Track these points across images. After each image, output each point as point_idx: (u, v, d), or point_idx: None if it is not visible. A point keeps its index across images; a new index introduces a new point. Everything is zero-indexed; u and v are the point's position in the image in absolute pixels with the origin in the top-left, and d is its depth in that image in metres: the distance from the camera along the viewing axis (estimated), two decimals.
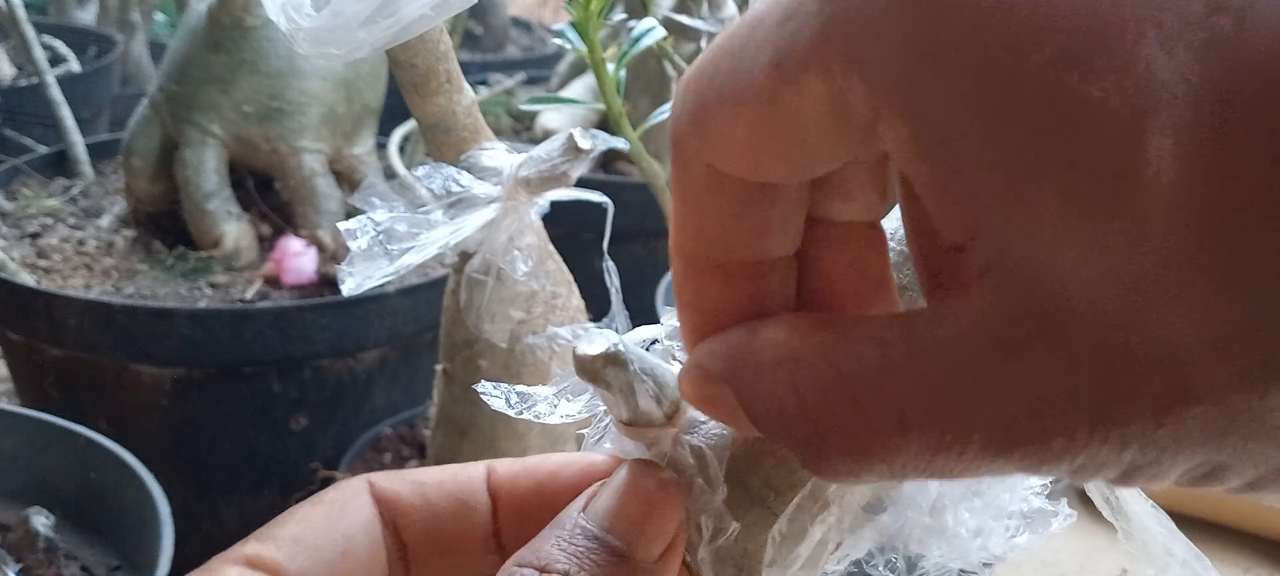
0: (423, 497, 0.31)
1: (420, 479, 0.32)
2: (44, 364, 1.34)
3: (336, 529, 0.30)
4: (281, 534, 0.29)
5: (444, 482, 0.32)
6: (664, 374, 0.31)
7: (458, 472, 0.32)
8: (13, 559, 0.96)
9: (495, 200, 0.62)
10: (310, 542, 0.29)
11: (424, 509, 0.31)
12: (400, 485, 0.31)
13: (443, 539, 0.31)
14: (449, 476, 0.32)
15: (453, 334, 0.75)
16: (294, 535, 0.29)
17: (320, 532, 0.29)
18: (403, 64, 0.63)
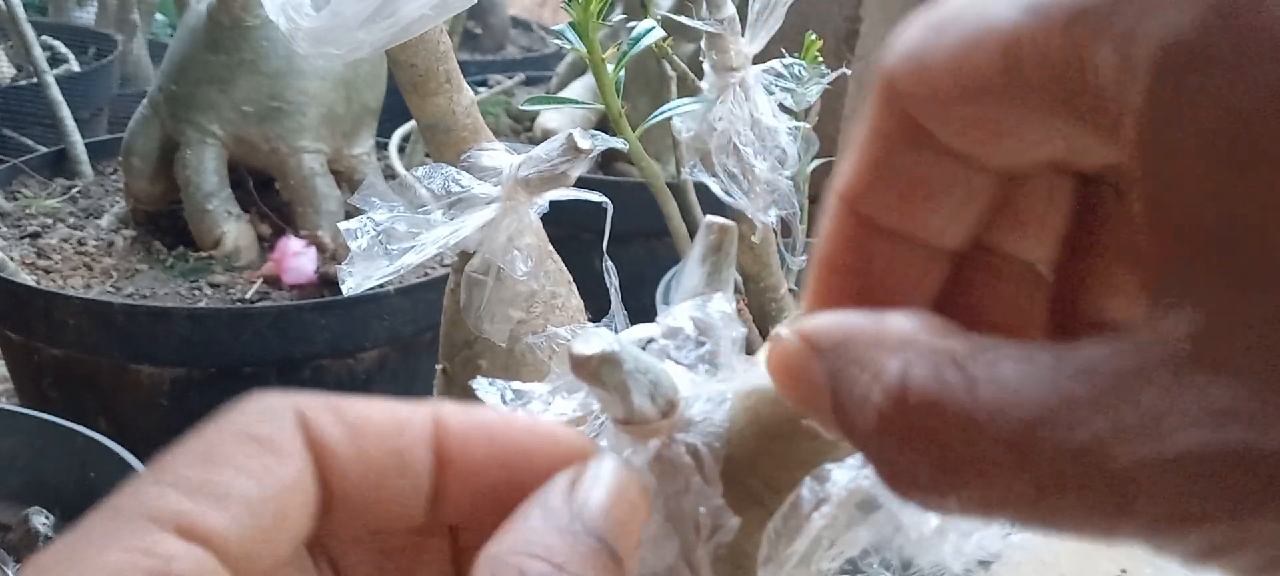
0: (359, 451, 0.26)
1: (357, 425, 0.27)
2: (43, 364, 1.34)
3: (271, 484, 0.25)
4: (210, 486, 0.24)
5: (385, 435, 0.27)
6: (660, 373, 0.31)
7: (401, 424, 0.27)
8: (13, 559, 0.96)
9: (495, 200, 0.62)
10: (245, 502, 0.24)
11: (358, 462, 0.26)
12: (335, 432, 0.26)
13: (376, 499, 0.27)
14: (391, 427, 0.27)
15: (453, 334, 0.75)
16: (226, 489, 0.24)
17: (255, 488, 0.24)
18: (402, 64, 0.63)
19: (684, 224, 1.00)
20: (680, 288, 0.35)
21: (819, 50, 1.01)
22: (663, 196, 0.95)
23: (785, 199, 0.92)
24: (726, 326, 0.33)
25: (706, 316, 0.33)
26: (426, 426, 0.27)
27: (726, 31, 0.86)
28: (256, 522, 0.24)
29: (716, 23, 0.86)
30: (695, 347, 0.32)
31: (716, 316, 0.33)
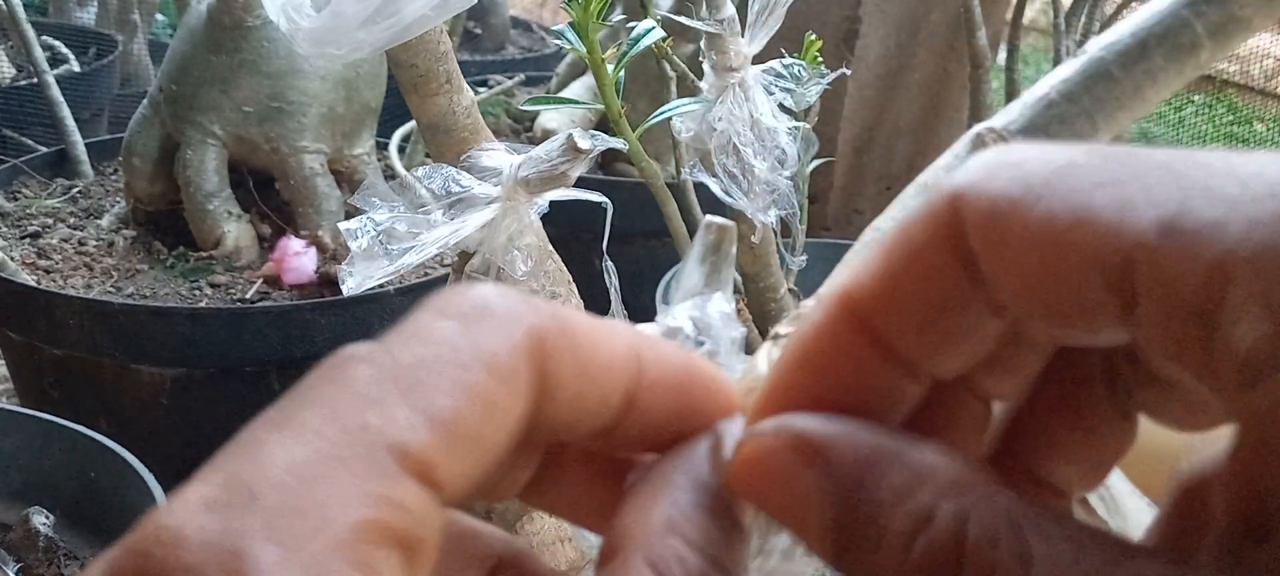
0: (576, 392, 0.23)
1: (584, 361, 0.23)
2: (44, 363, 1.34)
3: (499, 430, 0.21)
4: (453, 421, 0.20)
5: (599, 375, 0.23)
6: None
7: (615, 351, 0.24)
8: (13, 559, 0.96)
9: (495, 200, 0.62)
10: (479, 448, 0.21)
11: (569, 407, 0.23)
12: (565, 369, 0.22)
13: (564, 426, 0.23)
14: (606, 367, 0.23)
15: None
16: (466, 431, 0.20)
17: (489, 430, 0.21)
18: (403, 64, 0.63)
19: (684, 224, 1.00)
20: (680, 288, 0.35)
21: (818, 50, 1.01)
22: (662, 196, 0.95)
23: (785, 199, 0.92)
24: (726, 326, 0.33)
25: (706, 316, 0.33)
26: (631, 340, 0.24)
27: (726, 32, 0.86)
28: (479, 471, 0.21)
29: (716, 23, 0.86)
30: (694, 347, 0.33)
31: (716, 316, 0.33)
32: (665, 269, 1.32)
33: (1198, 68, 0.38)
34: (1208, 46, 0.38)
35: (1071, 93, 0.37)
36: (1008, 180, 0.20)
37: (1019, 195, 0.20)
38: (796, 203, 0.94)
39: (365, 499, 0.19)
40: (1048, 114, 0.37)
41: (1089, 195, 0.20)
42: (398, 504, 0.19)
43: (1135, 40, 0.37)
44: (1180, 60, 0.38)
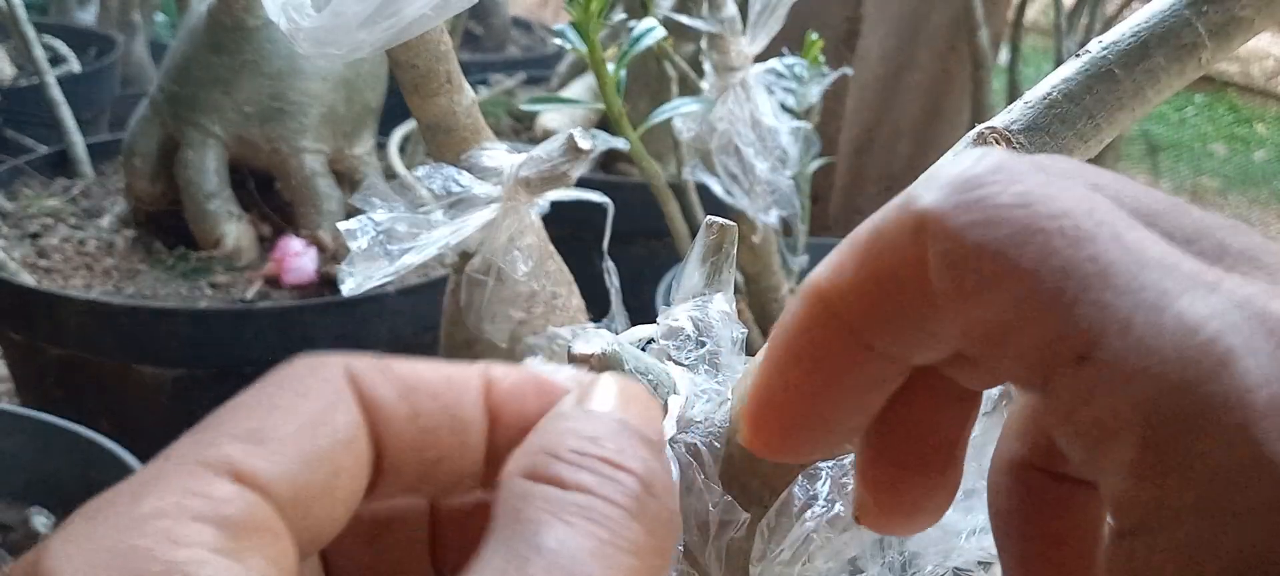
0: (410, 407, 0.25)
1: (410, 383, 0.26)
2: (45, 364, 1.34)
3: (324, 438, 0.24)
4: (262, 433, 0.24)
5: (436, 392, 0.26)
6: (659, 373, 0.31)
7: (453, 382, 0.26)
8: (13, 559, 0.96)
9: (495, 200, 0.62)
10: (298, 453, 0.24)
11: (410, 421, 0.25)
12: (387, 390, 0.25)
13: (426, 459, 0.26)
14: (443, 385, 0.26)
15: (453, 334, 0.75)
16: (279, 437, 0.24)
17: (307, 440, 0.24)
18: (403, 64, 0.63)
19: (685, 224, 1.00)
20: (680, 288, 0.35)
21: (820, 50, 1.01)
22: (663, 196, 0.95)
23: (786, 199, 0.92)
24: (726, 326, 0.33)
25: (706, 316, 0.33)
26: (476, 383, 0.27)
27: (727, 31, 0.86)
28: (310, 474, 0.24)
29: (717, 23, 0.86)
30: (695, 347, 0.32)
31: (716, 316, 0.33)
32: (666, 269, 1.32)
33: (1199, 68, 0.38)
34: (1209, 47, 0.38)
35: (1073, 92, 0.37)
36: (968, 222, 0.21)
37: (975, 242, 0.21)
38: (798, 202, 0.94)
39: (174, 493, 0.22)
40: (1049, 113, 0.36)
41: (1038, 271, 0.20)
42: (203, 495, 0.22)
43: (1137, 40, 0.37)
44: (1182, 60, 0.38)
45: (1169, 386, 0.19)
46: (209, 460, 0.23)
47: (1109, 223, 0.20)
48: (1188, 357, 0.19)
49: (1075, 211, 0.20)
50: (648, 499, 0.23)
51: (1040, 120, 0.36)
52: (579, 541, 0.22)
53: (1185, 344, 0.19)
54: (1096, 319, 0.19)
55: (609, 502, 0.23)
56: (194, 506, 0.22)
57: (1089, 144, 0.37)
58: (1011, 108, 0.37)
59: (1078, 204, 0.20)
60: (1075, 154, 0.37)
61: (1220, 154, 3.05)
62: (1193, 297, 0.19)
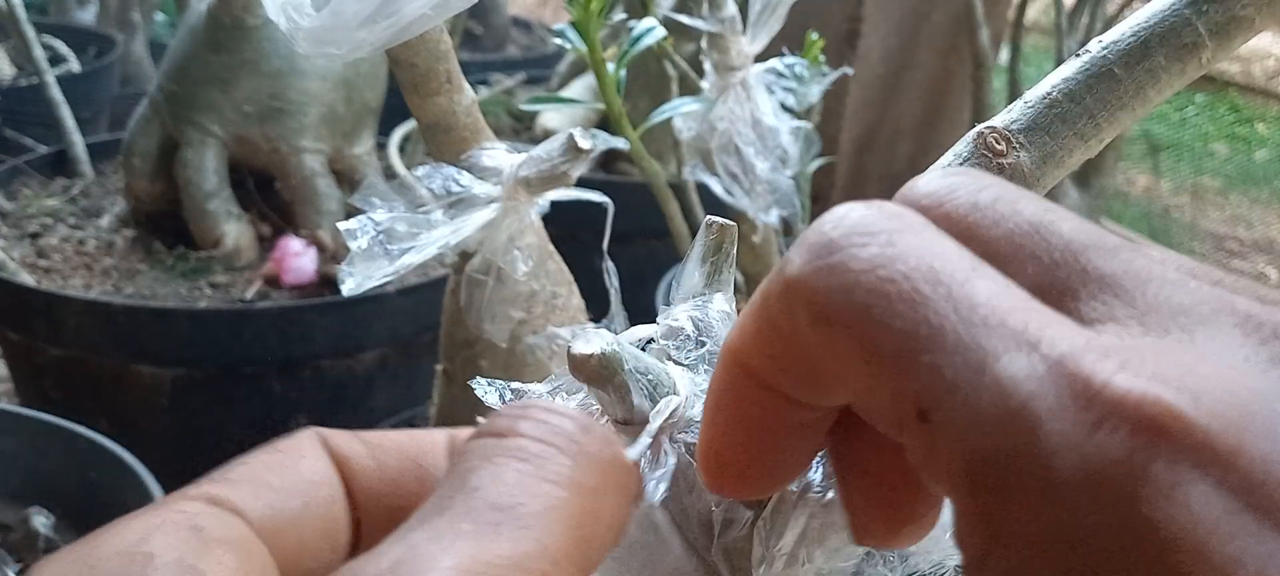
0: (376, 460, 0.28)
1: (374, 440, 0.28)
2: (44, 364, 1.34)
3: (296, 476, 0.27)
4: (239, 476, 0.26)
5: (402, 446, 0.28)
6: (659, 373, 0.30)
7: (416, 436, 0.29)
8: (13, 559, 0.96)
9: (495, 200, 0.62)
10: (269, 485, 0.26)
11: (377, 472, 0.28)
12: (352, 443, 0.28)
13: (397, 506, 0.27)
14: (407, 439, 0.29)
15: (453, 334, 0.75)
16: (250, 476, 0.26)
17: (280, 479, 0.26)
18: (403, 64, 0.63)
19: (685, 224, 1.00)
20: (680, 288, 0.35)
21: (820, 50, 1.01)
22: (664, 196, 0.95)
23: (786, 199, 0.91)
24: (726, 326, 0.33)
25: (706, 316, 0.33)
26: (440, 440, 0.29)
27: (728, 31, 0.86)
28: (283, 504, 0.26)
29: (718, 22, 0.86)
30: (695, 347, 0.32)
31: (716, 316, 0.33)
32: (666, 269, 1.32)
33: (1200, 67, 0.38)
34: (1210, 46, 0.38)
35: (1073, 92, 0.37)
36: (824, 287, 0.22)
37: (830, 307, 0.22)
38: (798, 202, 0.94)
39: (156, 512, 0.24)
40: (1050, 113, 0.36)
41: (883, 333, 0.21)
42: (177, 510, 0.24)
43: (1137, 39, 0.37)
44: (1182, 60, 0.38)
45: (988, 452, 0.19)
46: (190, 494, 0.25)
47: (945, 280, 0.21)
48: (1001, 423, 0.19)
49: (916, 271, 0.21)
50: (584, 437, 0.24)
51: (1040, 119, 0.36)
52: (505, 475, 0.23)
53: (999, 409, 0.19)
54: (930, 382, 0.20)
55: (538, 441, 0.24)
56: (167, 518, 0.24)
57: (1089, 143, 0.37)
58: (1012, 107, 0.37)
59: (918, 262, 0.21)
60: (1075, 154, 0.37)
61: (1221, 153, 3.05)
62: (1010, 359, 0.20)
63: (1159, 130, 3.01)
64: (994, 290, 0.21)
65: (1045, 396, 0.19)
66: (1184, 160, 2.98)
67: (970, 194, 0.23)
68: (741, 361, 0.25)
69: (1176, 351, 0.20)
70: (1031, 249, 0.22)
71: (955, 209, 0.23)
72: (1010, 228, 0.23)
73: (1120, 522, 0.18)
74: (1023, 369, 0.19)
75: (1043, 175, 0.36)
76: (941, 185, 0.24)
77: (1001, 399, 0.19)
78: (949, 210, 0.23)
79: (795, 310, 0.22)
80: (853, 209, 0.22)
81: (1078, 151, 0.37)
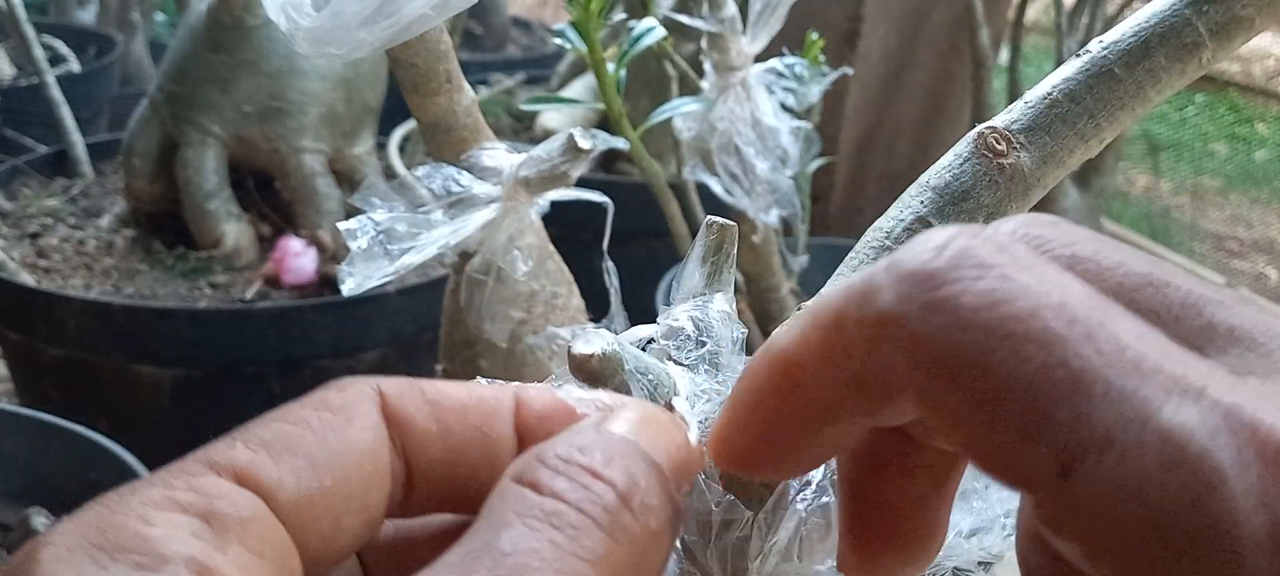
0: (441, 426, 0.26)
1: (439, 402, 0.27)
2: (44, 364, 1.34)
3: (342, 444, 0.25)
4: (278, 441, 0.24)
5: (468, 410, 0.27)
6: (660, 373, 0.31)
7: (484, 400, 0.27)
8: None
9: (495, 200, 0.62)
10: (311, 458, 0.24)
11: (440, 438, 0.26)
12: (415, 407, 0.26)
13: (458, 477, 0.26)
14: (474, 404, 0.27)
15: (453, 334, 0.75)
16: (292, 445, 0.24)
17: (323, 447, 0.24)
18: (403, 64, 0.63)
19: (685, 224, 1.00)
20: (680, 288, 0.35)
21: (820, 50, 1.01)
22: (664, 196, 0.95)
23: (786, 199, 0.91)
24: (726, 326, 0.33)
25: (706, 316, 0.33)
26: (508, 403, 0.27)
27: (728, 31, 0.86)
28: (317, 480, 0.24)
29: (718, 22, 0.86)
30: (695, 347, 0.32)
31: (716, 316, 0.33)
32: (666, 269, 1.32)
33: (1200, 67, 0.38)
34: (1210, 46, 0.38)
35: (1074, 92, 0.37)
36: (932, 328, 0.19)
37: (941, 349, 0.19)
38: (798, 202, 0.94)
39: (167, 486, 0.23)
40: (1050, 113, 0.36)
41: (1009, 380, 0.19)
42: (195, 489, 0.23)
43: (1138, 40, 0.37)
44: (1183, 60, 0.38)
45: (1155, 509, 0.17)
46: (216, 461, 0.24)
47: (1082, 319, 0.19)
48: (1173, 479, 0.17)
49: (1044, 308, 0.19)
50: (622, 511, 0.23)
51: (1041, 120, 0.36)
52: (533, 543, 0.22)
53: (1170, 463, 0.17)
54: (1075, 435, 0.18)
55: (576, 509, 0.22)
56: (181, 498, 0.23)
57: (1089, 143, 0.37)
58: (1012, 107, 0.37)
59: (1047, 298, 0.19)
60: (1076, 154, 0.37)
61: (1221, 153, 3.05)
62: (1176, 408, 0.18)
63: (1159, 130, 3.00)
64: (1139, 329, 0.19)
65: (1225, 448, 0.17)
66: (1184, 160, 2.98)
67: (1067, 244, 0.21)
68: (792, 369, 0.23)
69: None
70: (1148, 301, 0.20)
71: (1056, 255, 0.21)
72: (1121, 278, 0.21)
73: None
74: (1193, 418, 0.17)
75: (1043, 175, 0.36)
76: (1033, 232, 0.21)
77: (1172, 453, 0.17)
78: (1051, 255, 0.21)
79: (885, 344, 0.20)
80: (952, 235, 0.20)
81: (1078, 151, 0.37)
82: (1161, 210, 2.70)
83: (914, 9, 1.75)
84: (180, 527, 0.22)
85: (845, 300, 0.21)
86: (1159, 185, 2.82)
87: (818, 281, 0.38)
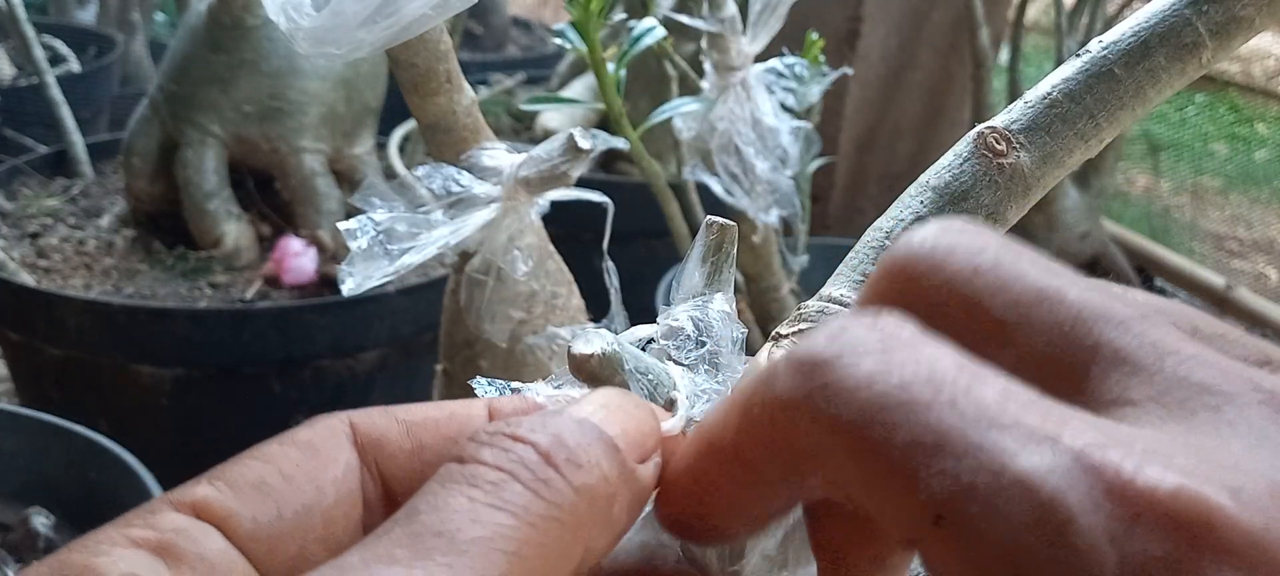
0: (412, 438, 0.27)
1: (408, 418, 0.28)
2: (44, 364, 1.34)
3: (307, 475, 0.26)
4: (240, 477, 0.25)
5: (440, 425, 0.28)
6: (660, 373, 0.31)
7: (454, 412, 0.28)
8: (13, 559, 0.96)
9: (495, 200, 0.62)
10: (273, 490, 0.25)
11: (413, 453, 0.27)
12: (385, 423, 0.27)
13: None
14: (444, 416, 0.28)
15: (453, 334, 0.75)
16: (255, 479, 0.25)
17: (287, 479, 0.25)
18: (403, 64, 0.63)
19: (685, 223, 1.00)
20: (680, 288, 0.35)
21: (820, 50, 1.01)
22: (664, 196, 0.95)
23: (786, 199, 0.91)
24: (726, 326, 0.33)
25: (706, 316, 0.33)
26: (479, 410, 0.28)
27: (728, 31, 0.86)
28: (279, 513, 0.25)
29: (718, 22, 0.86)
30: (695, 347, 0.32)
31: (716, 316, 0.33)
32: (666, 269, 1.32)
33: (1200, 67, 0.38)
34: (1210, 46, 0.38)
35: (1073, 92, 0.37)
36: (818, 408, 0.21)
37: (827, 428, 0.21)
38: (798, 202, 0.94)
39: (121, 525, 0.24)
40: (1050, 113, 0.36)
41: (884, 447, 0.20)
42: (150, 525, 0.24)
43: (1137, 40, 0.37)
44: (1182, 60, 0.38)
45: (1016, 549, 0.19)
46: (177, 498, 0.25)
47: (948, 385, 0.20)
48: (1029, 522, 0.19)
49: (914, 381, 0.20)
50: (544, 468, 0.23)
51: (1040, 119, 0.36)
52: (453, 501, 0.22)
53: (1025, 506, 0.19)
54: (943, 488, 0.19)
55: (495, 469, 0.23)
56: (134, 533, 0.24)
57: (1089, 143, 0.37)
58: (1012, 107, 0.37)
59: (915, 372, 0.21)
60: (1075, 153, 0.37)
61: (1221, 153, 3.05)
62: (1031, 455, 0.19)
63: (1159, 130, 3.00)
64: (1002, 388, 0.20)
65: (1074, 489, 0.18)
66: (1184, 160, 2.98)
67: (969, 257, 0.23)
68: (715, 447, 0.25)
69: (1204, 437, 0.20)
70: (1038, 320, 0.22)
71: (956, 274, 0.23)
72: (1014, 295, 0.22)
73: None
74: (1046, 463, 0.19)
75: (1043, 175, 0.36)
76: (940, 243, 0.23)
77: (1026, 496, 0.19)
78: (949, 275, 0.23)
79: (789, 428, 0.22)
80: (844, 326, 0.22)
81: (1078, 151, 0.37)
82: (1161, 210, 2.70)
83: (914, 9, 1.75)
84: (133, 561, 0.23)
85: (753, 386, 0.23)
86: (1159, 185, 2.82)
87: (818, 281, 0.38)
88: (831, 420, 0.21)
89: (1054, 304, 0.22)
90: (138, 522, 0.24)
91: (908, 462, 0.20)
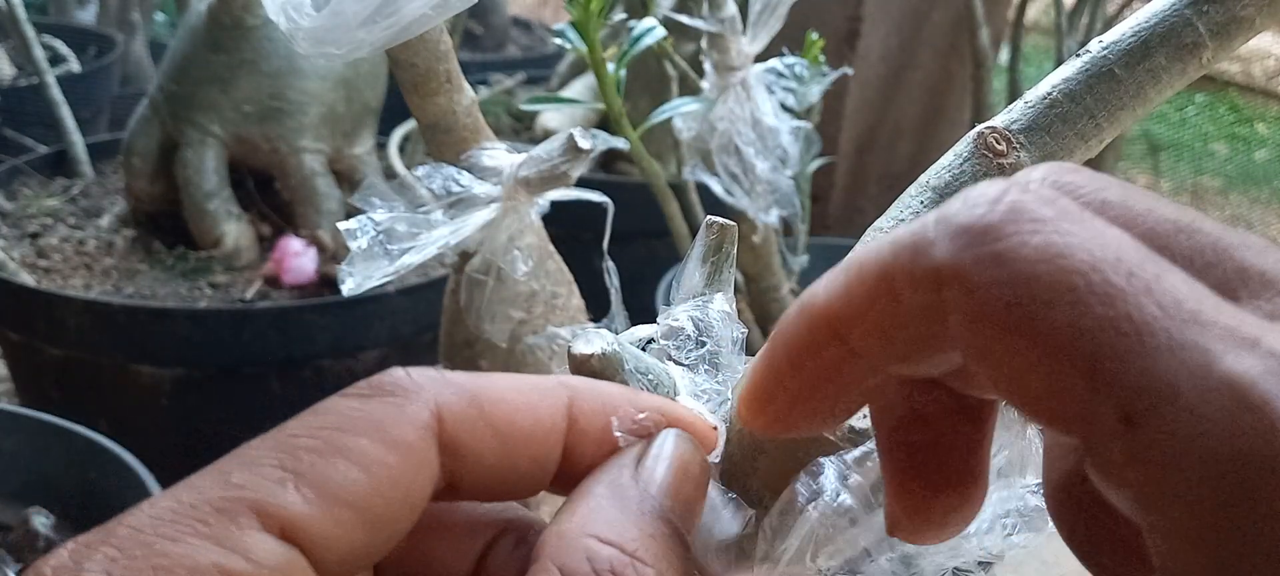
0: (496, 440, 0.26)
1: (493, 415, 0.26)
2: (44, 364, 1.34)
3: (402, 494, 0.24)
4: (332, 485, 0.23)
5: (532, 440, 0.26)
6: (659, 373, 0.31)
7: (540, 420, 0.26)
8: (13, 559, 0.96)
9: (495, 200, 0.62)
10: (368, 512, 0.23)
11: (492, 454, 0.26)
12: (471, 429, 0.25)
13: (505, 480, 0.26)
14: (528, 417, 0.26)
15: (453, 334, 0.75)
16: (350, 496, 0.23)
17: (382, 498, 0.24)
18: (403, 64, 0.63)
19: (685, 223, 1.00)
20: (680, 288, 0.35)
21: (820, 50, 1.01)
22: (664, 196, 0.95)
23: (786, 199, 0.91)
24: (726, 326, 0.33)
25: (706, 316, 0.33)
26: (560, 417, 0.27)
27: (728, 31, 0.86)
28: (360, 524, 0.24)
29: (717, 22, 0.86)
30: (695, 347, 0.32)
31: (716, 316, 0.33)
32: (666, 269, 1.32)
33: (1200, 67, 0.38)
34: (1210, 46, 0.38)
35: (1074, 92, 0.37)
36: (990, 280, 0.20)
37: (1000, 302, 0.19)
38: (798, 202, 0.94)
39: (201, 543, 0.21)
40: (1050, 113, 0.36)
41: (1071, 334, 0.19)
42: (238, 551, 0.22)
43: (1138, 40, 0.37)
44: (1183, 60, 0.38)
45: (1223, 454, 0.18)
46: (261, 505, 0.23)
47: (1138, 273, 0.19)
48: (1239, 424, 0.18)
49: (1102, 262, 0.19)
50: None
51: (1041, 120, 0.36)
52: None
53: (1236, 409, 0.18)
54: (1139, 386, 0.18)
55: None
56: (226, 564, 0.22)
57: (1089, 143, 0.37)
58: (1012, 107, 0.37)
59: (1103, 252, 0.19)
60: (1076, 154, 0.37)
61: (1221, 153, 3.05)
62: (1239, 357, 0.18)
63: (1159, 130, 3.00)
64: (1190, 285, 0.19)
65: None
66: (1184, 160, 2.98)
67: (1096, 192, 0.21)
68: (833, 326, 0.23)
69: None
70: (1181, 248, 0.21)
71: (1087, 206, 0.21)
72: (1151, 225, 0.21)
73: None
74: (1256, 367, 0.18)
75: None
76: (1063, 180, 0.21)
77: (1236, 398, 0.18)
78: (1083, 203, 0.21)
79: (941, 298, 0.20)
80: (1002, 189, 0.20)
81: (1078, 151, 0.37)
82: None
83: (914, 9, 1.75)
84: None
85: (893, 254, 0.21)
86: (1159, 185, 2.82)
87: None
88: (1004, 296, 0.19)
89: (1192, 232, 0.21)
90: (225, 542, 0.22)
91: (1095, 352, 0.19)
